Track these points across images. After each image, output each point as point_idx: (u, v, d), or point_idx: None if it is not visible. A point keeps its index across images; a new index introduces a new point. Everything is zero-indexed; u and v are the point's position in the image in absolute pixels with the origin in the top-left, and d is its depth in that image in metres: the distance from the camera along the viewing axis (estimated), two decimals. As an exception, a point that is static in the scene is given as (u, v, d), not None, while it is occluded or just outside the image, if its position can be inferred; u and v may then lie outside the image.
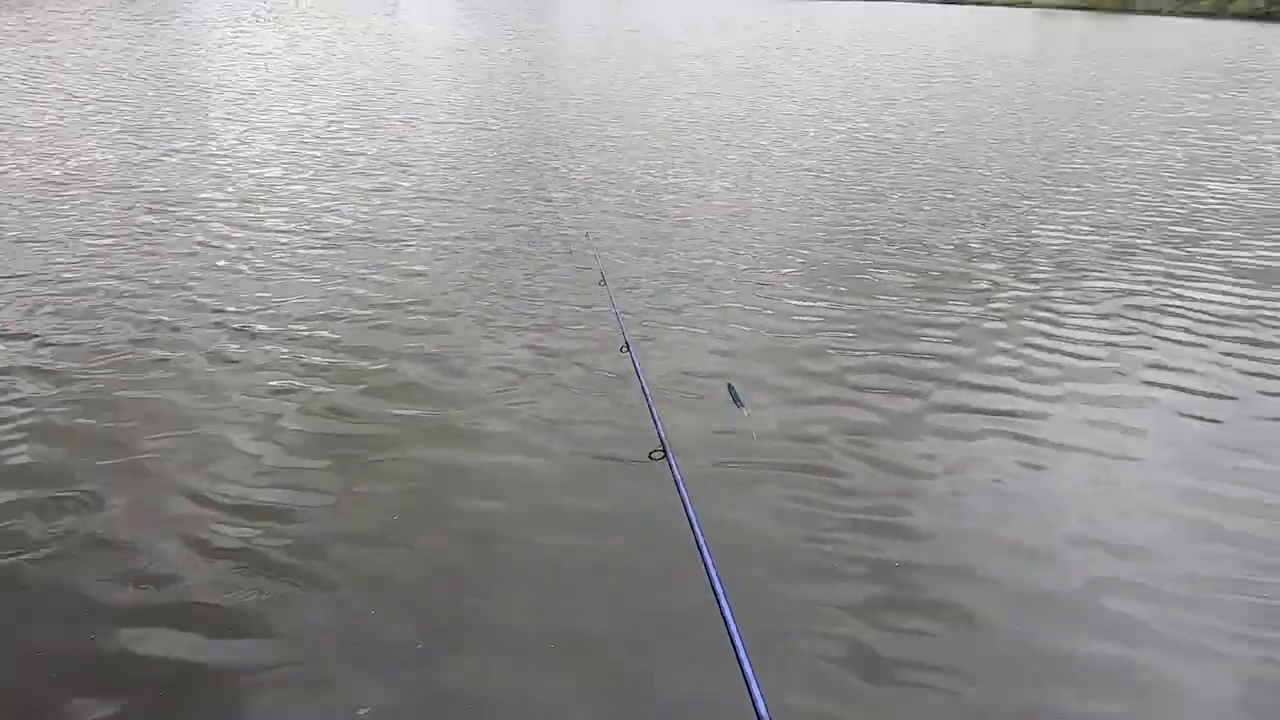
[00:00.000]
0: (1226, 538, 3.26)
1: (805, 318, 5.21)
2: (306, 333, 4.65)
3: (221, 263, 5.73)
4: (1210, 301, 5.82)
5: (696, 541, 1.70)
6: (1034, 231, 7.34)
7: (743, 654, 1.38)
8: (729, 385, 3.60)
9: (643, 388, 2.62)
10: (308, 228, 6.57)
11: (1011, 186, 9.01)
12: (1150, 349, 4.99)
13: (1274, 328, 5.40)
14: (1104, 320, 5.40)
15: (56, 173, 7.89)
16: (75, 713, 2.27)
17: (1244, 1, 49.73)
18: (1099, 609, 2.87)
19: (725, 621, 1.45)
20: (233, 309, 4.93)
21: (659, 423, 2.34)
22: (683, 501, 1.86)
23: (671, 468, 2.04)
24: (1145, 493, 3.56)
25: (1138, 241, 7.19)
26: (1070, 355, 4.85)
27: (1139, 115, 14.56)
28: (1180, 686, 2.57)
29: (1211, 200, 8.80)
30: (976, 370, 4.61)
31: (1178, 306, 5.69)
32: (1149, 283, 6.14)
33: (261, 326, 4.70)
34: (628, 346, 3.06)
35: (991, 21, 43.73)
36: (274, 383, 4.07)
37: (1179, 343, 5.10)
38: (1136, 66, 23.85)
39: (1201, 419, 4.19)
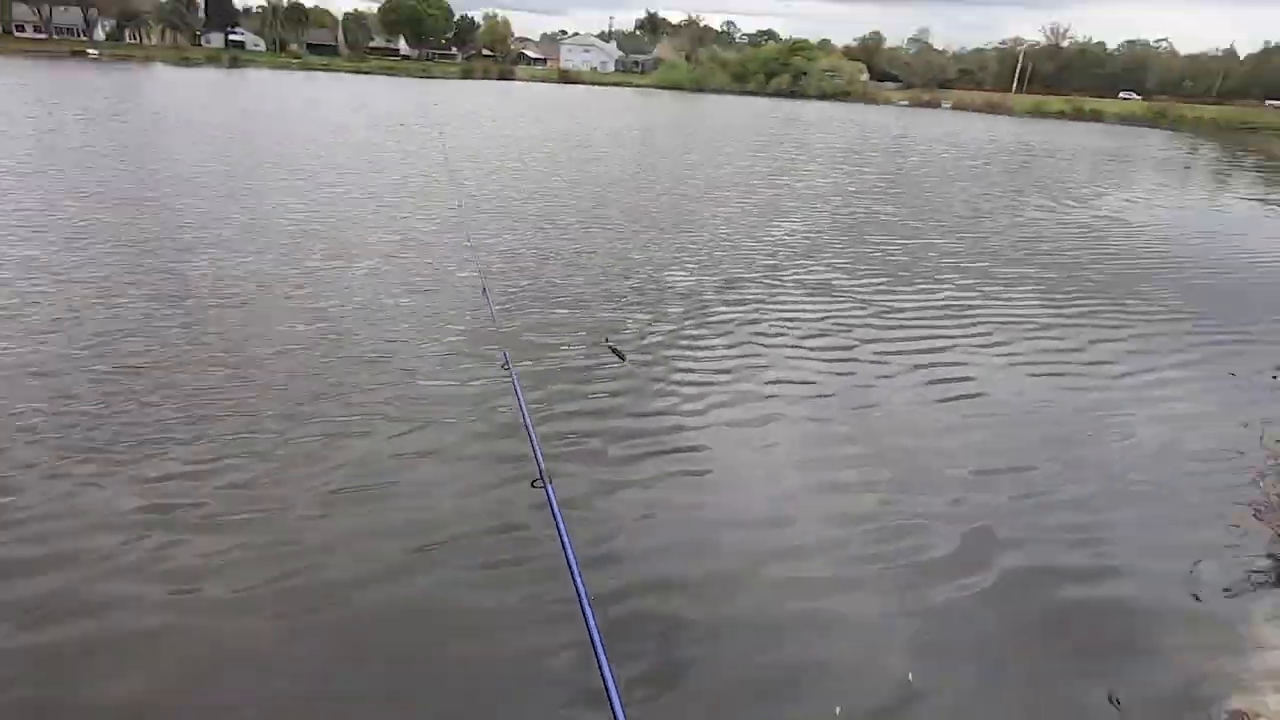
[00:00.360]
0: (856, 520, 3.91)
1: (476, 390, 5.05)
2: None
3: None
4: (798, 317, 7.18)
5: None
6: (665, 277, 8.30)
7: None
8: (606, 339, 3.51)
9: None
10: None
11: (647, 241, 10.10)
12: (767, 366, 5.91)
13: (842, 332, 6.85)
14: (730, 348, 6.25)
15: None
16: None
17: (775, 84, 72.49)
18: (784, 614, 3.20)
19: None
20: None
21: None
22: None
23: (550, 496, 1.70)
24: (792, 499, 4.10)
25: (740, 274, 8.60)
26: (710, 385, 5.47)
27: (721, 173, 17.73)
28: (853, 661, 2.96)
29: (782, 235, 11.01)
30: (640, 416, 4.93)
31: (778, 324, 6.90)
32: (755, 308, 7.34)
33: None
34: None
35: (600, 99, 50.12)
36: None
37: (785, 356, 6.14)
38: (712, 133, 29.22)
39: (813, 419, 5.05)
